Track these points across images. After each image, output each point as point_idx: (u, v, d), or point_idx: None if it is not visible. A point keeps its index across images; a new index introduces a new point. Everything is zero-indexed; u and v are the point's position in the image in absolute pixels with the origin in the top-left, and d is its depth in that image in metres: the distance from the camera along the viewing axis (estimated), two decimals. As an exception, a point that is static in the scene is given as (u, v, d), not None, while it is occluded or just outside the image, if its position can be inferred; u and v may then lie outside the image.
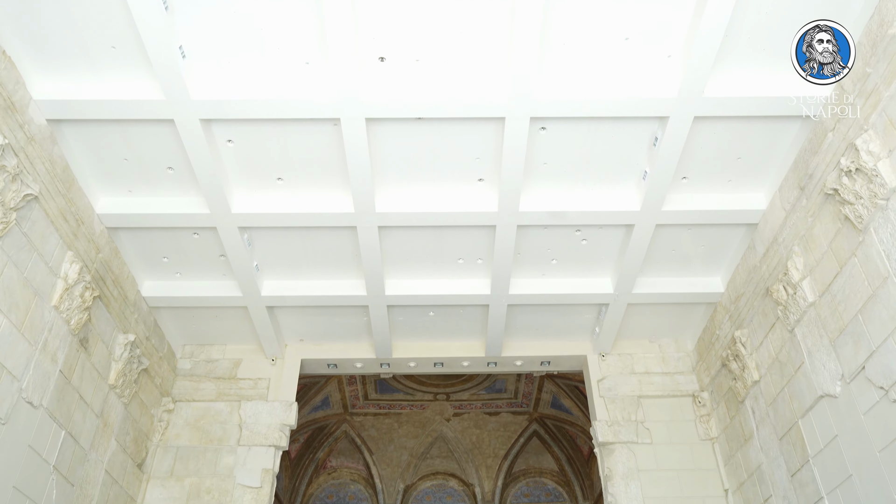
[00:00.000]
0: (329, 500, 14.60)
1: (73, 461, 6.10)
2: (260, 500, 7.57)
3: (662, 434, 8.02)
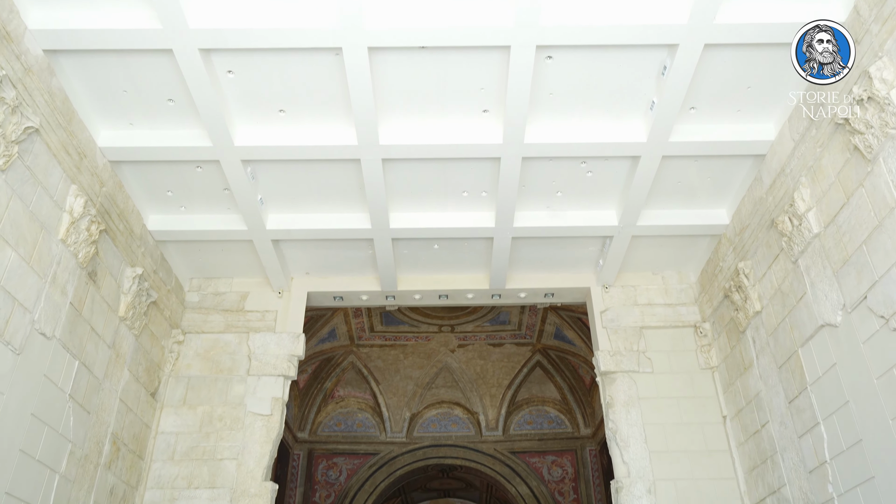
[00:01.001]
0: (337, 427, 15.05)
1: (87, 390, 6.27)
2: (270, 427, 7.81)
3: (663, 363, 8.18)
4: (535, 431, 15.04)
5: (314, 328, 12.63)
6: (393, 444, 14.91)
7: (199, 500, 7.37)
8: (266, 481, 7.53)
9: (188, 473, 7.52)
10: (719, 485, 7.45)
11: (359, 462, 14.84)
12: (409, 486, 16.44)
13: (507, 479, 14.64)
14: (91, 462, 6.33)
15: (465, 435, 15.02)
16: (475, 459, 14.80)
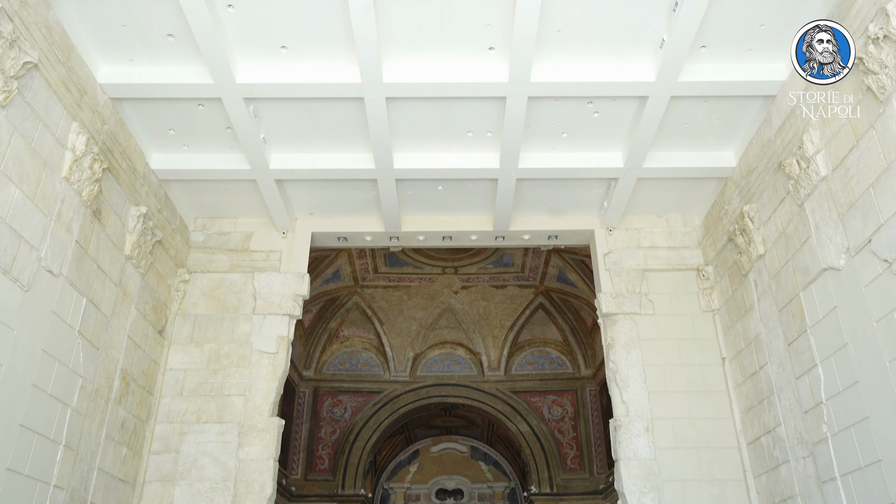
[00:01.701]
0: (342, 366, 15.32)
1: (96, 327, 6.36)
2: (276, 365, 7.95)
3: (665, 306, 8.24)
4: (537, 372, 15.30)
5: (318, 269, 12.71)
6: (396, 383, 15.20)
7: (208, 434, 7.57)
8: (272, 417, 7.71)
9: (197, 408, 7.70)
10: (716, 424, 7.61)
11: (363, 400, 15.16)
12: (413, 424, 16.84)
13: (508, 417, 14.97)
14: (102, 396, 6.47)
15: (467, 375, 15.29)
16: (477, 398, 15.11)
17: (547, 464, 14.53)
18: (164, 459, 7.45)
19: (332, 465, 14.61)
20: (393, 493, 17.55)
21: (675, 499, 7.24)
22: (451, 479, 17.80)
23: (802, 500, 6.18)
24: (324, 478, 14.52)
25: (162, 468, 7.41)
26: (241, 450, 7.50)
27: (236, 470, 7.41)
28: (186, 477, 7.37)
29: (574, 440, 14.81)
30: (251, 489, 7.32)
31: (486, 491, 17.68)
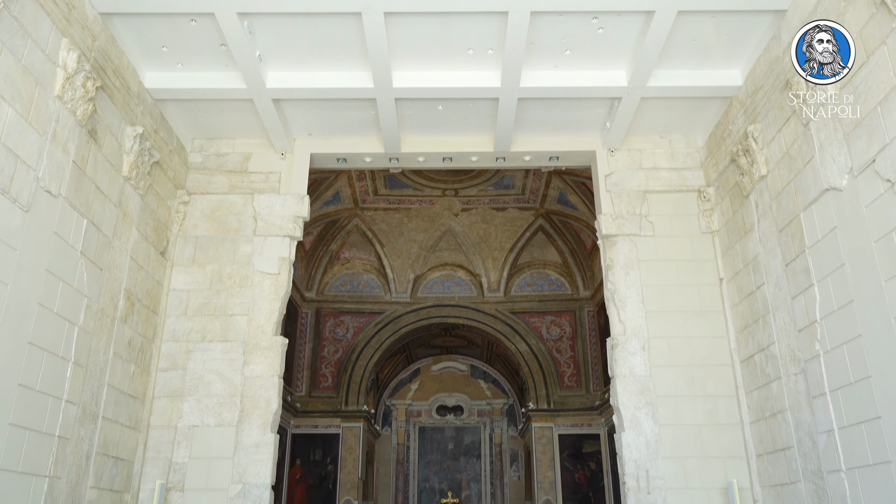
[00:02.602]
0: (344, 287, 15.51)
1: (98, 247, 6.40)
2: (278, 286, 8.04)
3: (665, 227, 8.26)
4: (536, 293, 15.49)
5: (318, 191, 12.67)
6: (397, 304, 15.42)
7: (214, 352, 7.74)
8: (276, 336, 7.86)
9: (201, 328, 7.84)
10: (711, 342, 7.76)
11: (365, 320, 15.42)
12: (413, 343, 17.20)
13: (508, 337, 15.27)
14: (107, 316, 6.58)
15: (467, 296, 15.49)
16: (477, 319, 15.36)
17: (545, 381, 14.92)
18: (172, 376, 7.65)
19: (335, 383, 15.00)
20: (395, 409, 18.10)
21: (669, 413, 7.47)
22: (451, 396, 18.33)
23: (792, 414, 6.38)
24: (327, 395, 14.94)
25: (170, 384, 7.62)
26: (246, 367, 7.69)
27: (242, 386, 7.62)
28: (194, 393, 7.59)
29: (571, 359, 15.15)
30: (257, 404, 7.55)
31: (485, 407, 18.23)
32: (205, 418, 7.50)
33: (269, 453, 7.41)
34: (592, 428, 14.51)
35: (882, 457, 5.05)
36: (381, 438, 17.67)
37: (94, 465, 6.35)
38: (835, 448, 5.66)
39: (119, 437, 6.86)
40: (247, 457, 7.36)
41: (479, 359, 18.48)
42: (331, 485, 14.18)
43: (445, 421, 18.07)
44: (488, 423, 18.02)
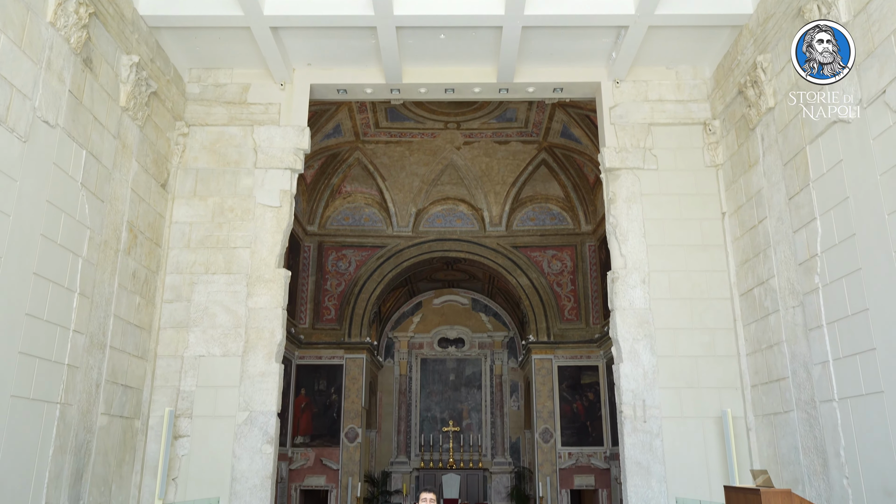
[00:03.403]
0: (345, 221, 15.51)
1: (98, 179, 6.37)
2: (280, 219, 8.05)
3: (669, 161, 8.18)
4: (537, 227, 15.49)
5: (319, 123, 12.51)
6: (399, 238, 15.45)
7: (217, 285, 7.82)
8: (279, 268, 7.92)
9: (204, 260, 7.89)
10: (711, 276, 7.81)
11: (367, 254, 15.49)
12: (415, 277, 17.32)
13: (509, 271, 15.36)
14: (111, 248, 6.61)
15: (469, 230, 15.50)
16: (478, 253, 15.42)
17: (545, 314, 15.09)
18: (177, 308, 7.75)
19: (338, 316, 15.20)
20: (397, 341, 18.39)
21: (667, 345, 7.59)
22: (452, 329, 18.58)
23: (788, 346, 6.48)
24: (331, 327, 15.15)
25: (175, 316, 7.72)
26: (249, 299, 7.77)
27: (246, 318, 7.72)
28: (199, 324, 7.70)
29: (572, 293, 15.29)
30: (262, 335, 7.67)
31: (486, 340, 18.51)
32: (210, 349, 7.63)
33: (275, 382, 7.57)
34: (591, 360, 14.76)
35: (875, 387, 5.15)
36: (383, 369, 18.03)
37: (104, 392, 6.51)
38: (828, 379, 5.77)
39: (127, 366, 7.00)
40: (253, 385, 7.53)
41: (481, 292, 18.65)
42: (335, 413, 14.56)
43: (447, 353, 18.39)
44: (489, 355, 18.35)
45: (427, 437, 17.62)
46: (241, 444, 7.34)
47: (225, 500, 7.17)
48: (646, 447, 7.31)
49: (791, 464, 6.43)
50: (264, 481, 7.27)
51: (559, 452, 14.24)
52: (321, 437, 14.47)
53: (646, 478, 7.25)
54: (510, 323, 18.63)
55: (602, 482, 13.99)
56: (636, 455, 7.32)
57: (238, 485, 7.23)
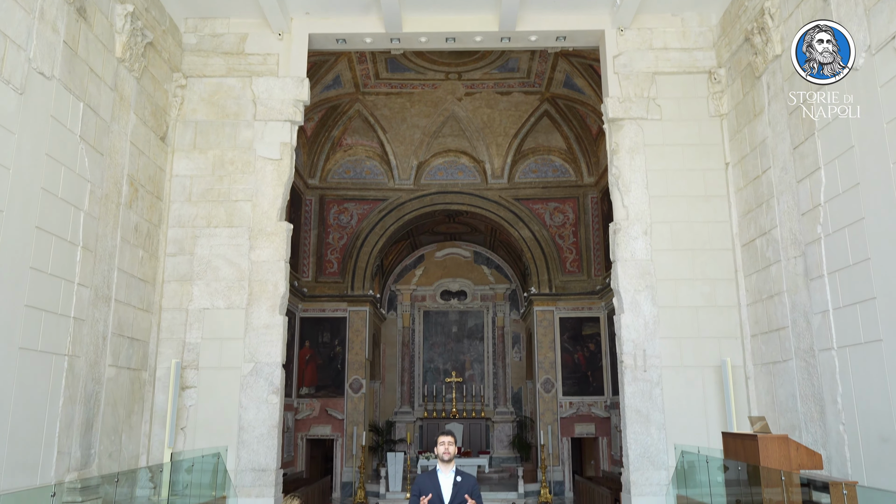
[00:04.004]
0: (347, 174, 15.43)
1: (97, 132, 6.32)
2: (281, 172, 8.01)
3: (672, 110, 8.09)
4: (540, 179, 15.41)
5: (318, 74, 12.33)
6: (401, 191, 15.39)
7: (220, 238, 7.83)
8: (281, 221, 7.92)
9: (206, 213, 7.89)
10: (713, 227, 7.80)
11: (368, 207, 15.45)
12: (417, 230, 17.31)
13: (511, 223, 15.34)
14: (112, 201, 6.60)
15: (471, 182, 15.43)
16: (480, 205, 15.37)
17: (547, 267, 15.13)
18: (180, 261, 7.78)
19: (341, 269, 15.26)
20: (400, 294, 18.50)
21: (668, 296, 7.63)
22: (454, 282, 18.66)
23: (789, 296, 6.51)
24: (334, 280, 15.23)
25: (178, 269, 7.76)
26: (252, 252, 7.80)
27: (249, 271, 7.76)
28: (203, 277, 7.74)
29: (574, 245, 15.30)
30: (265, 288, 7.72)
31: (488, 292, 18.60)
32: (214, 301, 7.69)
33: (279, 334, 7.65)
34: (592, 311, 14.86)
35: (874, 335, 5.20)
36: (386, 322, 18.18)
37: (111, 344, 6.59)
38: (828, 328, 5.82)
39: (133, 319, 7.07)
40: (257, 337, 7.61)
41: (483, 245, 18.65)
42: (339, 365, 14.75)
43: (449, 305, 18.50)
44: (491, 308, 18.47)
45: (430, 387, 17.88)
46: (248, 395, 7.47)
47: (233, 449, 7.34)
48: (646, 396, 7.43)
49: (788, 411, 6.53)
50: (271, 430, 7.41)
51: (560, 402, 14.47)
52: (326, 387, 14.69)
53: (645, 425, 7.38)
54: (512, 275, 18.70)
55: (602, 430, 14.26)
56: (636, 403, 7.43)
57: (245, 434, 7.38)
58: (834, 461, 5.70)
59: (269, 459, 7.35)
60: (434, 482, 4.19)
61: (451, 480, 4.19)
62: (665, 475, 7.24)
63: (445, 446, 4.21)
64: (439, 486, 4.15)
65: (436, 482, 4.17)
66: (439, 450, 4.25)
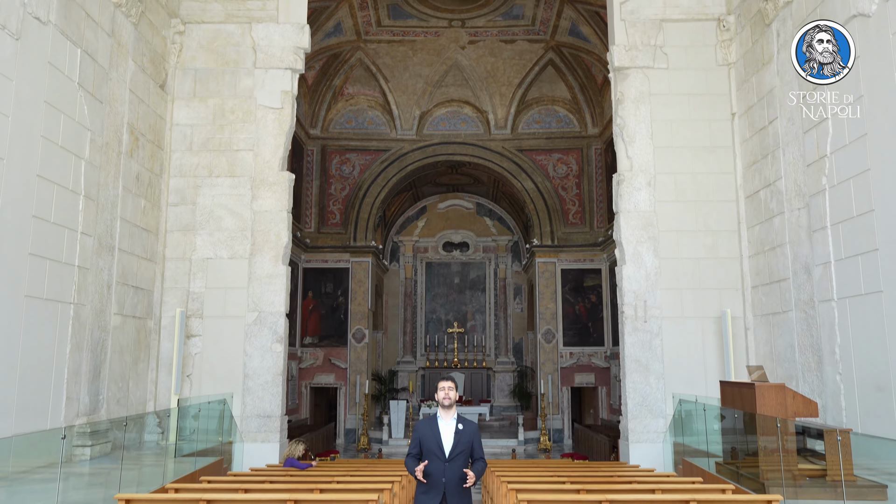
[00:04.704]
0: (348, 125, 15.29)
1: (96, 79, 6.24)
2: (282, 121, 7.93)
3: (680, 59, 7.95)
4: (543, 130, 15.26)
5: (318, 21, 12.09)
6: (403, 141, 15.27)
7: (222, 188, 7.81)
8: (283, 171, 7.88)
9: (208, 163, 7.85)
10: (717, 178, 7.75)
11: (370, 158, 15.35)
12: (420, 181, 17.23)
13: (514, 174, 15.26)
14: (113, 150, 6.56)
15: (473, 133, 15.28)
16: (483, 157, 15.27)
17: (549, 218, 15.11)
18: (182, 211, 7.78)
19: (343, 220, 15.25)
20: (402, 245, 18.53)
21: (670, 247, 7.64)
22: (457, 233, 18.66)
23: (791, 247, 6.51)
24: (336, 231, 15.24)
25: (181, 219, 7.76)
26: (254, 202, 7.79)
27: (252, 221, 7.76)
28: (205, 227, 7.75)
29: (577, 196, 15.24)
30: (268, 238, 7.74)
31: (490, 244, 18.62)
32: (217, 251, 7.72)
33: (282, 284, 7.70)
34: (594, 263, 14.90)
35: (874, 286, 5.22)
36: (389, 273, 18.26)
37: (116, 293, 6.64)
38: (829, 279, 5.84)
39: (137, 269, 7.11)
40: (260, 287, 7.66)
41: (485, 196, 18.58)
42: (342, 315, 14.88)
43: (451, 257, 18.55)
44: (493, 259, 18.51)
45: (432, 337, 18.08)
46: (252, 343, 7.56)
47: (238, 396, 7.47)
48: (645, 346, 7.51)
49: (786, 361, 6.61)
50: (275, 378, 7.53)
51: (561, 352, 14.64)
52: (329, 337, 14.86)
53: (644, 375, 7.48)
54: (514, 227, 18.70)
55: (602, 380, 14.47)
56: (636, 353, 7.52)
57: (250, 381, 7.50)
58: (829, 410, 5.79)
59: (273, 406, 7.49)
60: (434, 429, 3.99)
61: (453, 428, 3.98)
62: (662, 423, 7.37)
63: (445, 392, 4.02)
64: (439, 434, 3.97)
65: (436, 430, 3.98)
66: (439, 395, 4.01)
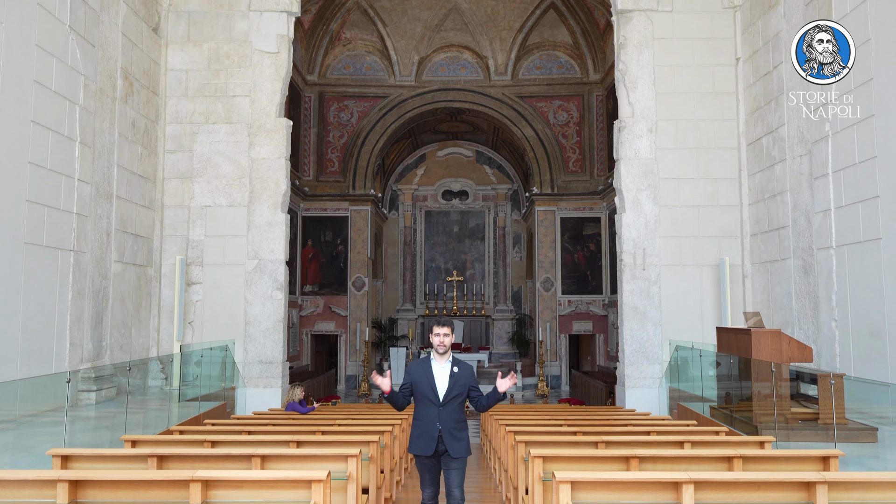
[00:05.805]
0: (346, 70, 15.04)
1: (87, 22, 6.10)
2: (279, 66, 7.79)
3: (684, 2, 7.77)
4: (544, 76, 15.02)
5: (314, -38, 11.77)
6: (402, 88, 15.04)
7: (219, 135, 7.73)
8: (280, 117, 7.79)
9: (204, 109, 7.74)
10: (719, 125, 7.67)
11: (369, 105, 15.15)
12: (419, 129, 17.05)
13: (514, 122, 15.09)
14: (107, 96, 6.47)
15: (473, 79, 15.05)
16: (483, 103, 15.06)
17: (549, 166, 15.01)
18: (180, 158, 7.71)
19: (342, 168, 15.15)
20: (401, 193, 18.45)
21: (670, 195, 7.61)
22: (456, 182, 18.55)
23: (791, 195, 6.49)
24: (335, 179, 15.16)
25: (178, 166, 7.71)
26: (252, 149, 7.72)
27: (250, 168, 7.71)
28: (203, 174, 7.70)
29: (577, 144, 15.11)
30: (266, 186, 7.70)
31: (489, 192, 18.55)
32: (216, 199, 7.69)
33: (281, 232, 7.70)
34: (594, 211, 14.88)
35: (874, 234, 5.22)
36: (388, 221, 18.23)
37: (116, 241, 6.64)
38: (828, 227, 5.84)
39: (136, 216, 7.10)
40: (260, 235, 7.66)
41: (485, 144, 18.41)
42: (342, 263, 14.93)
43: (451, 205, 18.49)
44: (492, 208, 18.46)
45: (432, 286, 18.18)
46: (252, 291, 7.60)
47: (240, 343, 7.55)
48: (643, 293, 7.55)
49: (783, 308, 6.66)
50: (276, 325, 7.60)
51: (559, 300, 14.75)
52: (329, 285, 14.95)
53: (642, 322, 7.55)
54: (514, 175, 18.59)
55: (599, 328, 14.62)
56: (634, 301, 7.57)
57: (251, 328, 7.57)
58: (824, 356, 5.87)
59: (275, 352, 7.58)
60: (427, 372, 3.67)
61: (448, 371, 3.66)
62: (659, 369, 7.48)
63: (441, 338, 3.64)
64: (433, 377, 3.65)
65: (429, 372, 3.66)
66: (434, 341, 3.64)
